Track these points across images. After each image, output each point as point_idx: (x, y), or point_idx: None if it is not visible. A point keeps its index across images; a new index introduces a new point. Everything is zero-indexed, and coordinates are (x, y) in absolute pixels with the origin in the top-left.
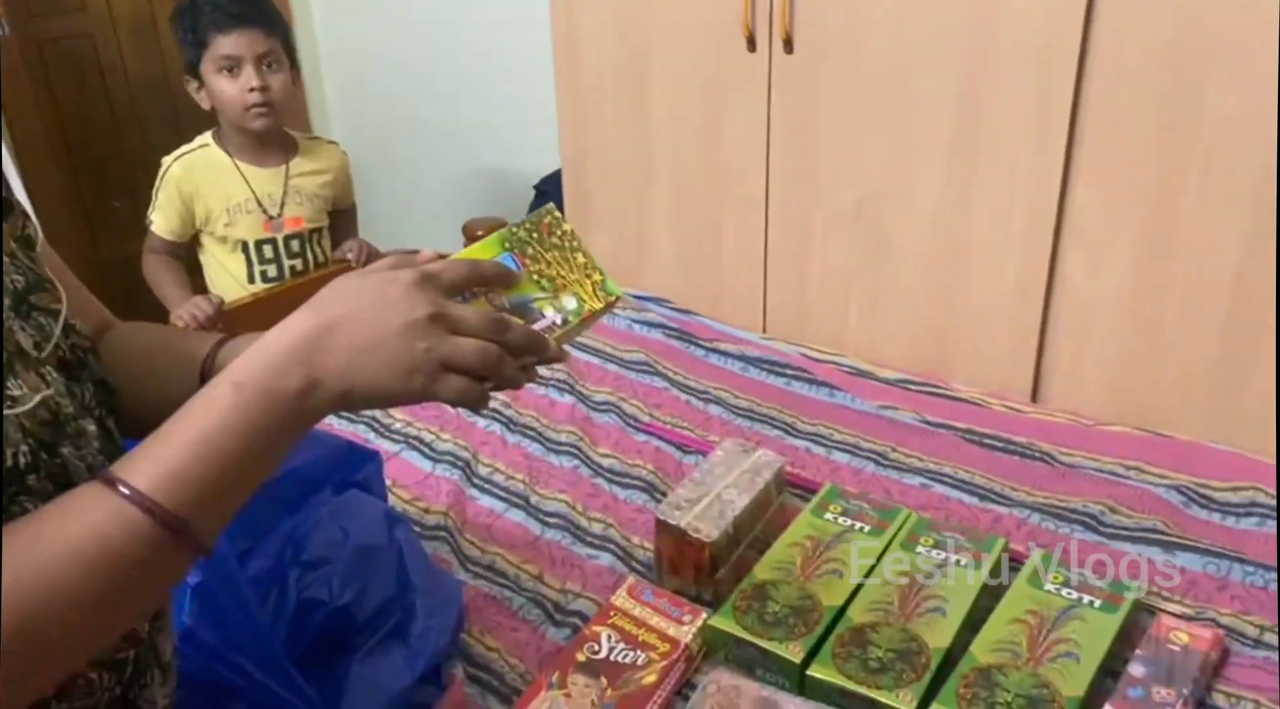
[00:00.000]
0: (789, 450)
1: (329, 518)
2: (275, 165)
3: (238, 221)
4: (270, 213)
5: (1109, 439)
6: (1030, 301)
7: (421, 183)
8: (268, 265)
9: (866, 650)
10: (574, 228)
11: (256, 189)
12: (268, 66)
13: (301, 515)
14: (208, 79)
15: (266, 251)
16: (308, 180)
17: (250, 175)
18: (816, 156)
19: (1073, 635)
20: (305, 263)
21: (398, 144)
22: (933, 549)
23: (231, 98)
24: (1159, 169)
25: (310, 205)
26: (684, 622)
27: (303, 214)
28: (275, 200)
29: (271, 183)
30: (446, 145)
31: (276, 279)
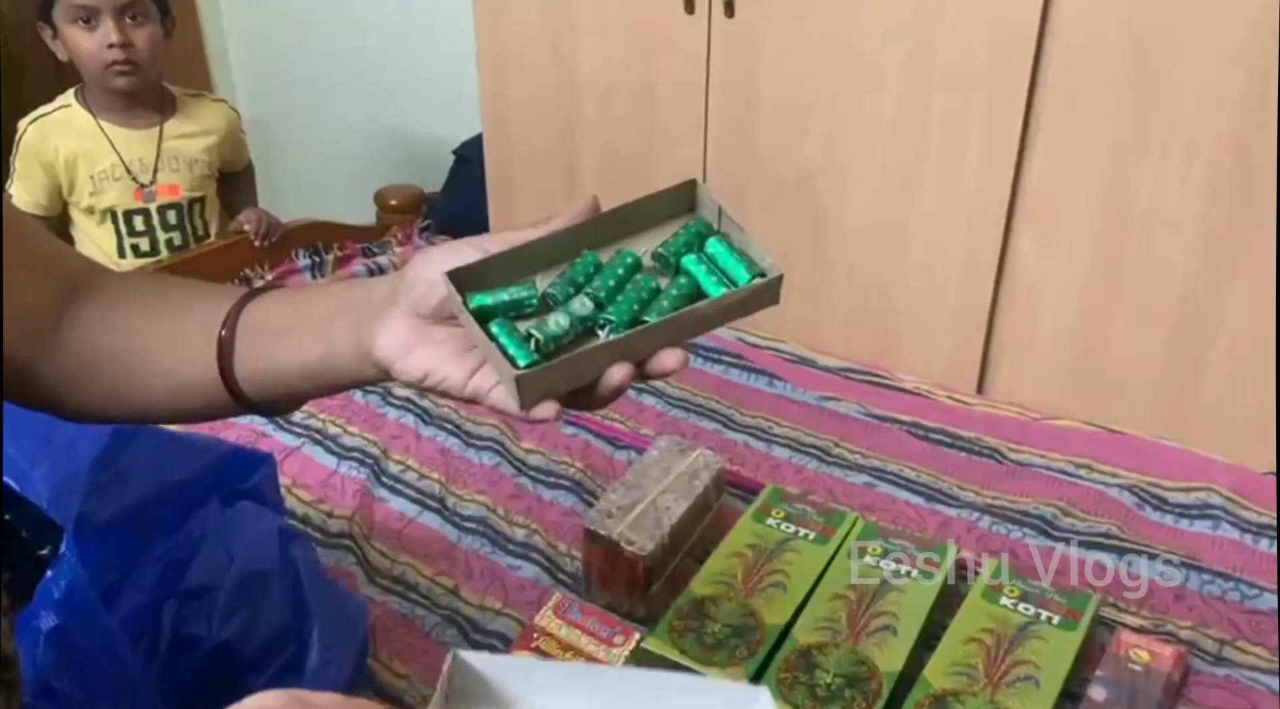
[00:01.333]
0: (727, 445)
1: (212, 538)
2: (147, 127)
3: (104, 190)
4: (141, 180)
5: (1058, 435)
6: (979, 286)
7: (332, 147)
8: (139, 238)
9: (814, 676)
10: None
11: (124, 153)
12: (131, 19)
13: (181, 536)
14: (62, 29)
15: (138, 223)
16: (186, 143)
17: (117, 138)
18: (756, 126)
19: (1031, 657)
20: (184, 236)
21: (306, 105)
22: (881, 559)
23: (88, 53)
24: (1117, 149)
25: (189, 171)
26: (615, 643)
27: (179, 181)
28: (147, 166)
29: (142, 146)
30: (359, 107)
31: (149, 254)
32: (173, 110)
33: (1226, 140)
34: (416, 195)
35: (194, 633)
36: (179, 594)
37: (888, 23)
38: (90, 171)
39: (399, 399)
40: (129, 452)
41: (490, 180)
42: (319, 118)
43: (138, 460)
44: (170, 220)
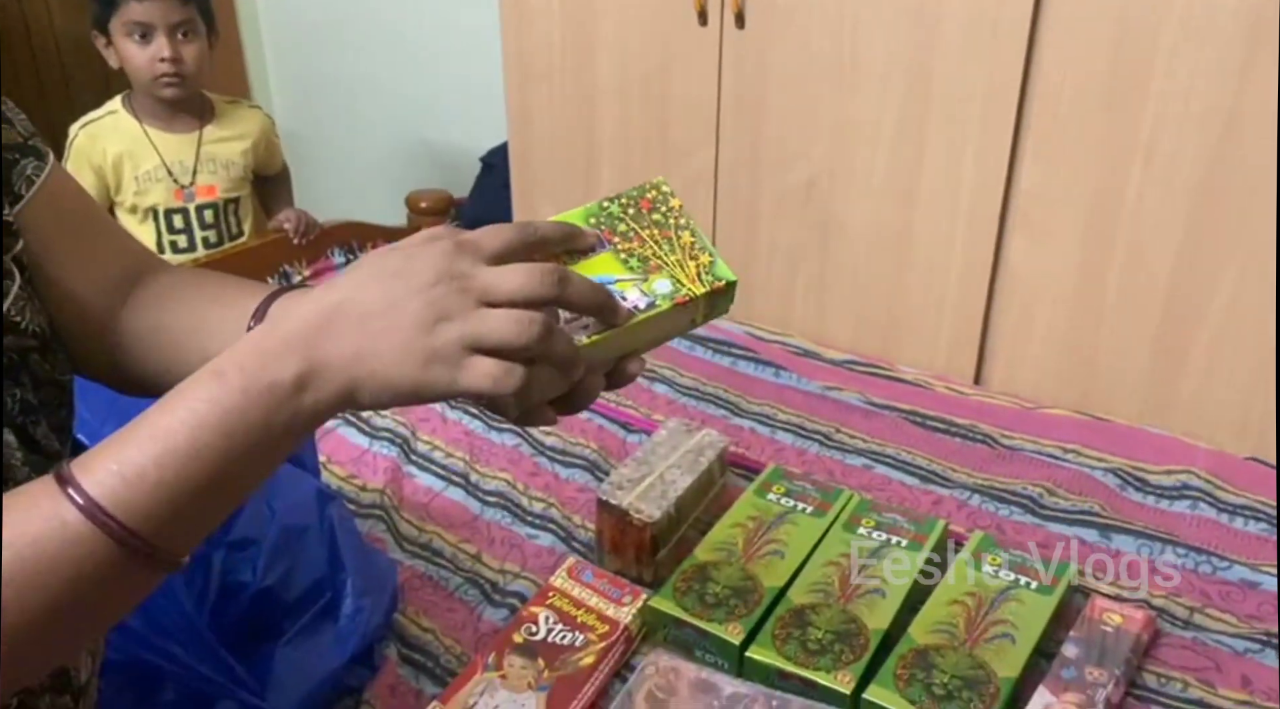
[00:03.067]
0: (733, 430)
1: (256, 496)
2: (188, 131)
3: (148, 190)
4: (181, 181)
5: (1049, 422)
6: (975, 285)
7: (364, 153)
8: (178, 236)
9: (806, 632)
10: (683, 204)
11: (166, 156)
12: (182, 35)
13: None
14: (116, 41)
15: (177, 221)
16: (223, 147)
17: (159, 142)
18: (766, 134)
19: (1009, 617)
20: (220, 235)
21: (340, 113)
22: (874, 531)
23: (141, 64)
24: (1103, 157)
25: (226, 173)
26: (624, 603)
27: (216, 182)
28: (187, 168)
29: (183, 150)
30: (390, 116)
31: (187, 250)
32: (212, 116)
33: (1207, 147)
34: (445, 199)
35: (240, 579)
36: (227, 545)
37: (887, 39)
38: (135, 172)
39: None
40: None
41: (515, 186)
42: (353, 126)
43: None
44: (207, 219)
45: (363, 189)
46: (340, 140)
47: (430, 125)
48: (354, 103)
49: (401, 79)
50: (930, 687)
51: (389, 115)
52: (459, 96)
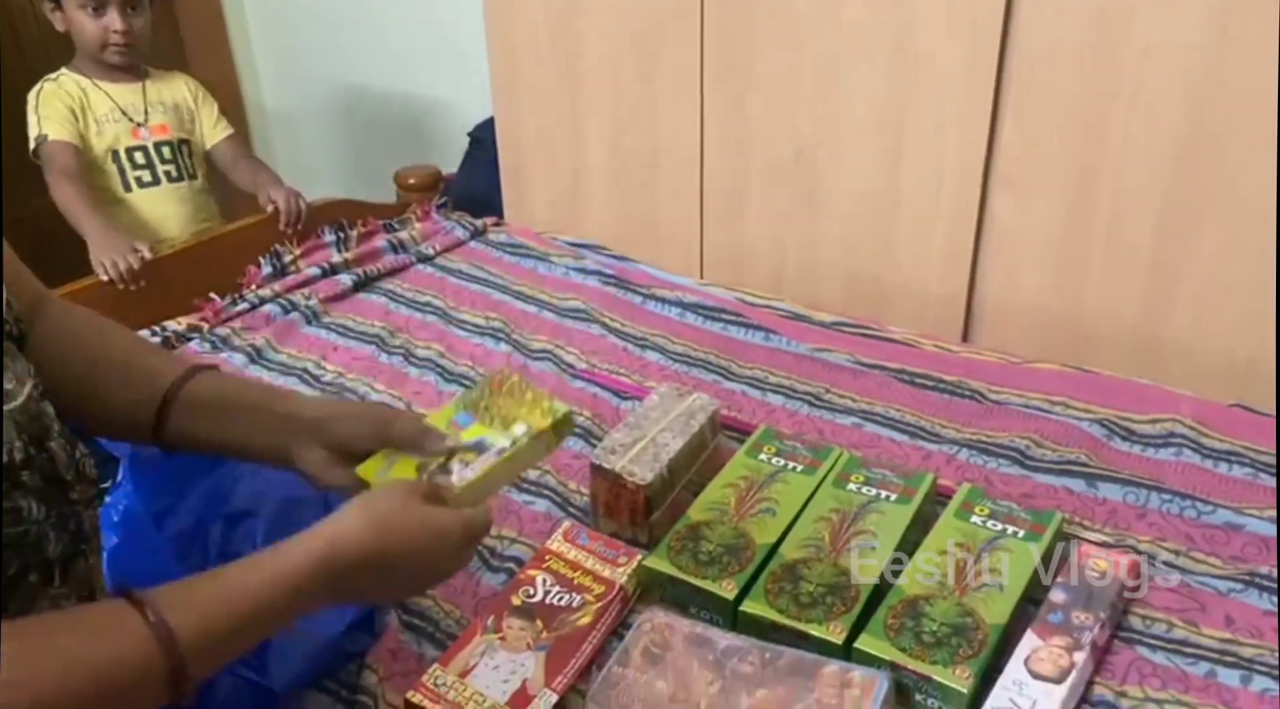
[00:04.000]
0: (725, 394)
1: (252, 471)
2: (131, 82)
3: (105, 131)
4: (135, 119)
5: (1036, 376)
6: (961, 243)
7: (352, 132)
8: (141, 171)
9: (798, 586)
10: (521, 377)
11: (119, 100)
12: (132, 9)
13: (224, 469)
14: (68, 10)
15: (138, 157)
16: (167, 92)
17: (111, 90)
18: (752, 104)
19: (997, 566)
20: (179, 169)
21: (326, 91)
22: (863, 486)
23: (92, 34)
24: (1085, 112)
25: (175, 114)
26: (619, 564)
27: (168, 122)
28: (138, 109)
29: (132, 95)
30: (376, 94)
31: (152, 183)
32: (148, 74)
33: (1188, 100)
34: (434, 174)
35: (239, 551)
36: (224, 517)
37: (870, 3)
38: (94, 116)
39: (420, 360)
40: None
41: (502, 160)
42: (340, 104)
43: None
44: (166, 155)
45: (351, 167)
46: (327, 118)
47: (417, 101)
48: (340, 80)
49: (387, 55)
50: (920, 635)
51: (376, 93)
52: (445, 72)
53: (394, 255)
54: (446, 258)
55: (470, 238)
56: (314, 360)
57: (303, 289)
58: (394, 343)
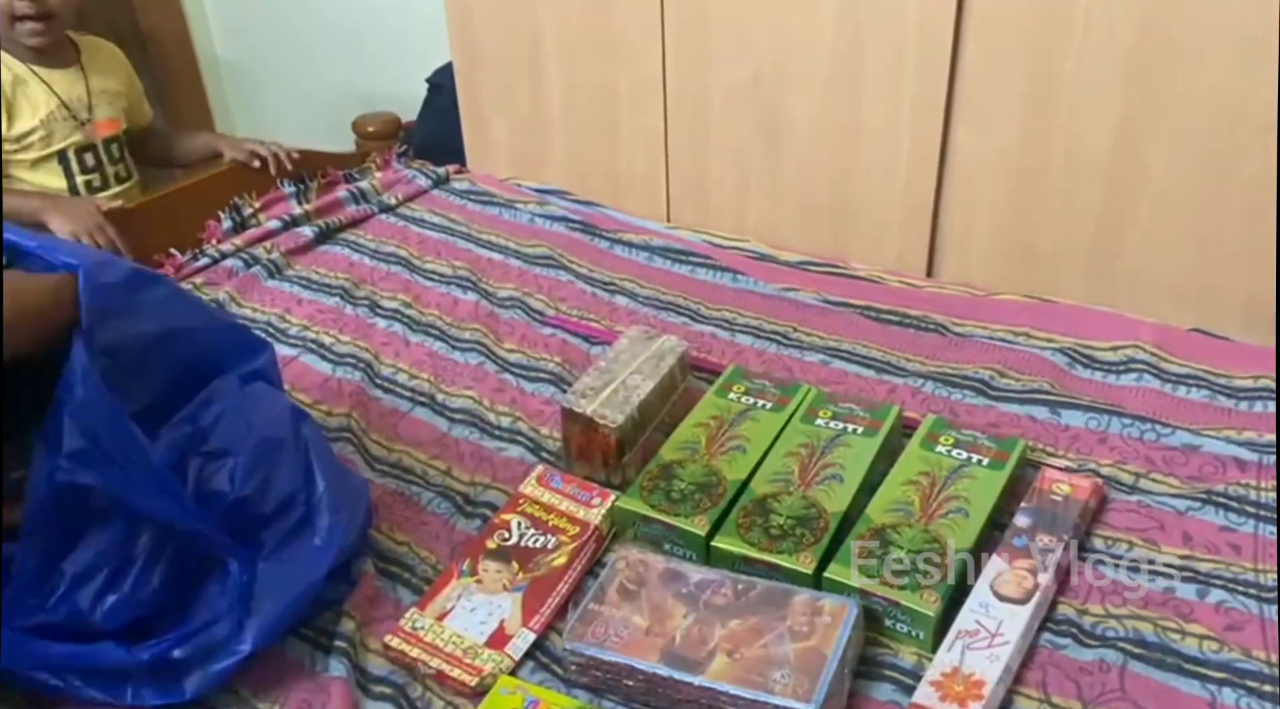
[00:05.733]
0: (694, 336)
1: (233, 411)
2: (69, 67)
3: (54, 132)
4: (80, 117)
5: (999, 308)
6: (923, 177)
7: (309, 81)
8: (91, 175)
9: (768, 519)
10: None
11: (62, 94)
12: None
13: (202, 404)
14: None
15: (89, 159)
16: (108, 80)
17: (51, 80)
18: (710, 35)
19: (962, 493)
20: (126, 168)
21: (280, 40)
22: (831, 420)
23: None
24: (1040, 40)
25: (120, 105)
26: (592, 505)
27: (116, 116)
28: (83, 103)
29: (75, 85)
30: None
31: (101, 187)
32: (79, 52)
33: (1142, 21)
34: (393, 122)
35: (218, 489)
36: (203, 454)
37: None
38: (38, 116)
39: (386, 311)
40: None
41: (462, 103)
42: (295, 53)
43: (153, 301)
44: (115, 153)
45: (308, 117)
46: (281, 68)
47: (373, 47)
48: (293, 29)
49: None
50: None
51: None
52: (400, 17)
53: (355, 206)
54: (409, 207)
55: (433, 186)
56: (278, 314)
57: (264, 242)
58: (359, 294)
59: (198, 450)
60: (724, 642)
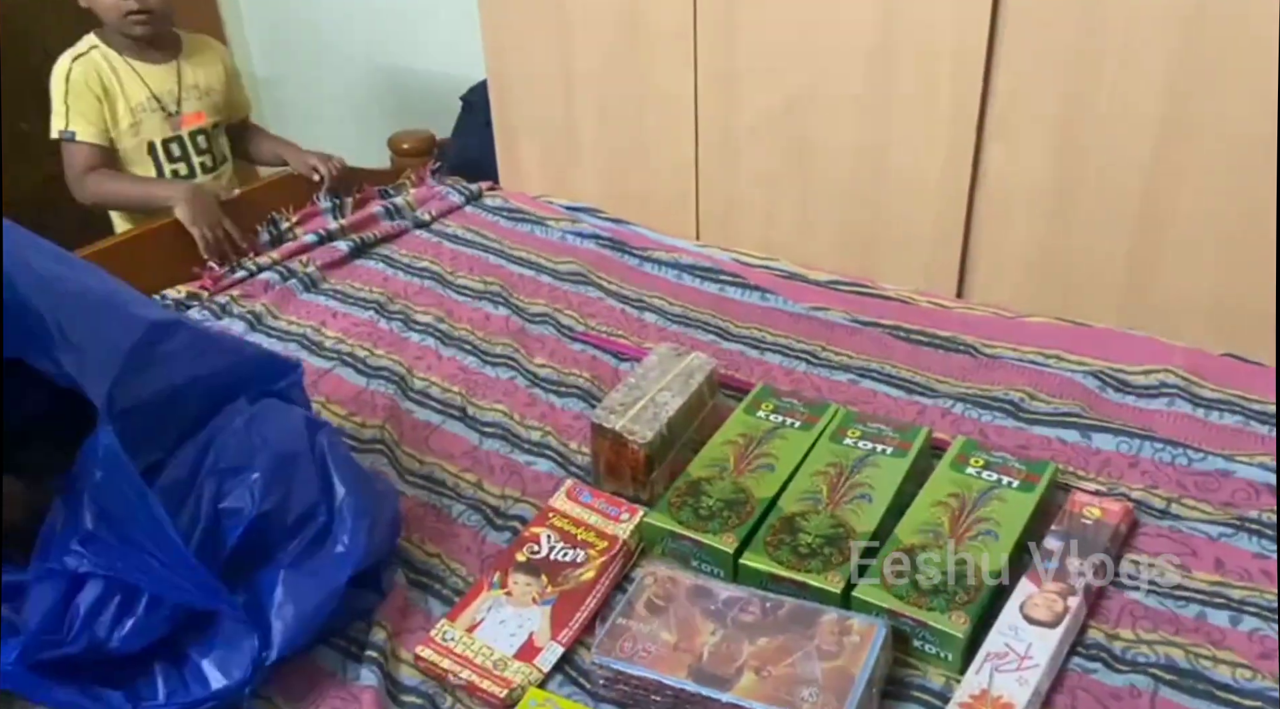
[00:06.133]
0: (723, 354)
1: (244, 428)
2: (165, 62)
3: (142, 122)
4: (169, 110)
5: (1029, 330)
6: (954, 198)
7: (343, 97)
8: (177, 163)
9: (796, 538)
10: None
11: (153, 87)
12: None
13: (215, 426)
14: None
15: (174, 150)
16: (201, 74)
17: (144, 73)
18: (742, 56)
19: (992, 515)
20: (213, 159)
21: (316, 57)
22: (860, 440)
23: (109, 6)
24: (1076, 62)
25: (209, 99)
26: (621, 520)
27: (203, 109)
28: (173, 97)
29: (167, 79)
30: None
31: (188, 176)
32: (180, 47)
33: (1176, 48)
34: (428, 139)
35: (235, 507)
36: (218, 472)
37: None
38: (129, 106)
39: (420, 325)
40: (165, 343)
41: (496, 122)
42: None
43: (173, 352)
44: (201, 145)
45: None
46: (318, 84)
47: (408, 66)
48: (330, 46)
49: (377, 20)
50: (917, 583)
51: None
52: (436, 35)
53: (390, 222)
54: (443, 223)
55: (466, 203)
56: (313, 327)
57: (300, 256)
58: (393, 308)
59: (212, 469)
60: (752, 659)
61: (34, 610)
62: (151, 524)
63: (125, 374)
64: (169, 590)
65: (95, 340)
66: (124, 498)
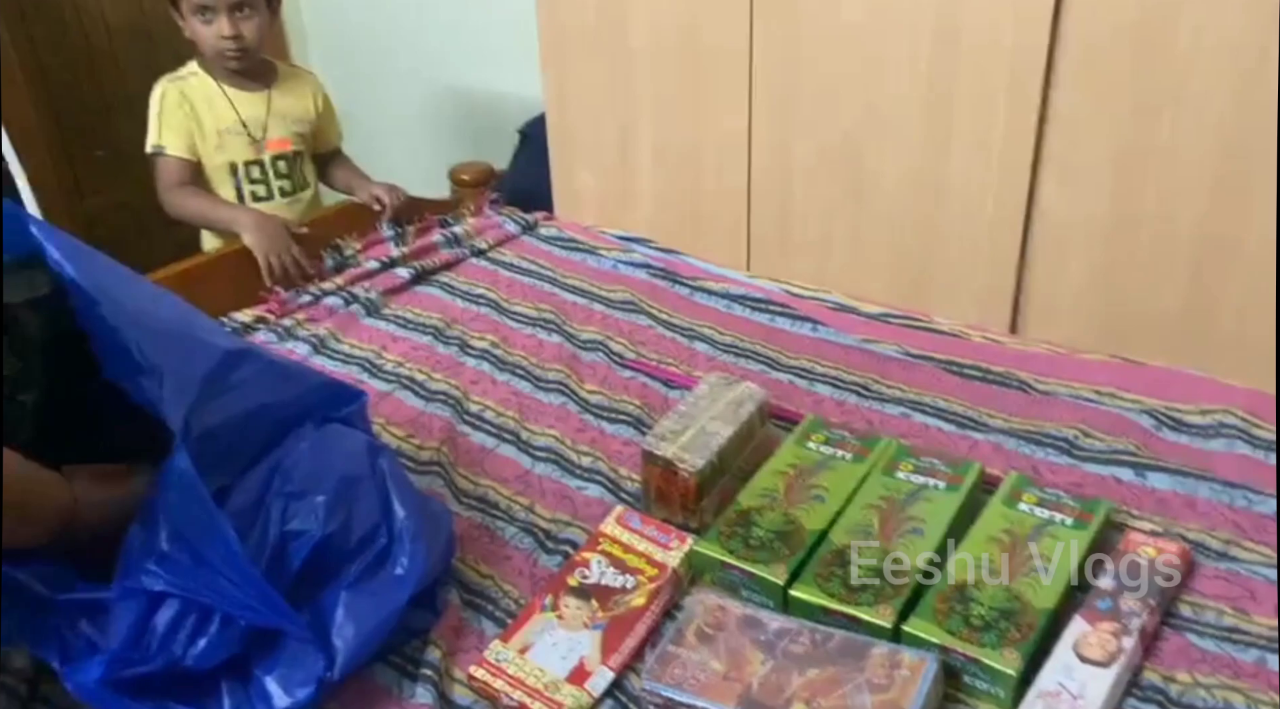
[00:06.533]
0: (773, 384)
1: (310, 452)
2: (257, 91)
3: (226, 145)
4: (255, 135)
5: (1084, 366)
6: (1009, 233)
7: (405, 128)
8: (256, 185)
9: (847, 571)
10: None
11: (242, 113)
12: (241, 12)
13: (282, 450)
14: (186, 18)
15: (254, 172)
16: (289, 104)
17: (236, 99)
18: (798, 92)
19: (1045, 552)
20: (293, 183)
21: (379, 87)
22: (912, 474)
23: (205, 40)
24: (1134, 98)
25: (294, 127)
26: (671, 547)
27: (287, 136)
28: (260, 123)
29: (256, 106)
30: (429, 89)
31: (266, 198)
32: (275, 78)
33: (1235, 88)
34: (486, 170)
35: (301, 528)
36: (284, 495)
37: None
38: (216, 127)
39: (476, 350)
40: (237, 371)
41: (553, 154)
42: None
43: (245, 379)
44: (281, 169)
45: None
46: (379, 114)
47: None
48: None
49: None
50: (968, 619)
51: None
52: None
53: (449, 250)
54: (499, 252)
55: (521, 232)
56: (374, 351)
57: (363, 282)
58: (450, 334)
59: (280, 492)
60: (801, 690)
61: (115, 629)
62: (222, 545)
63: (200, 400)
64: (239, 609)
65: (173, 366)
66: (196, 519)
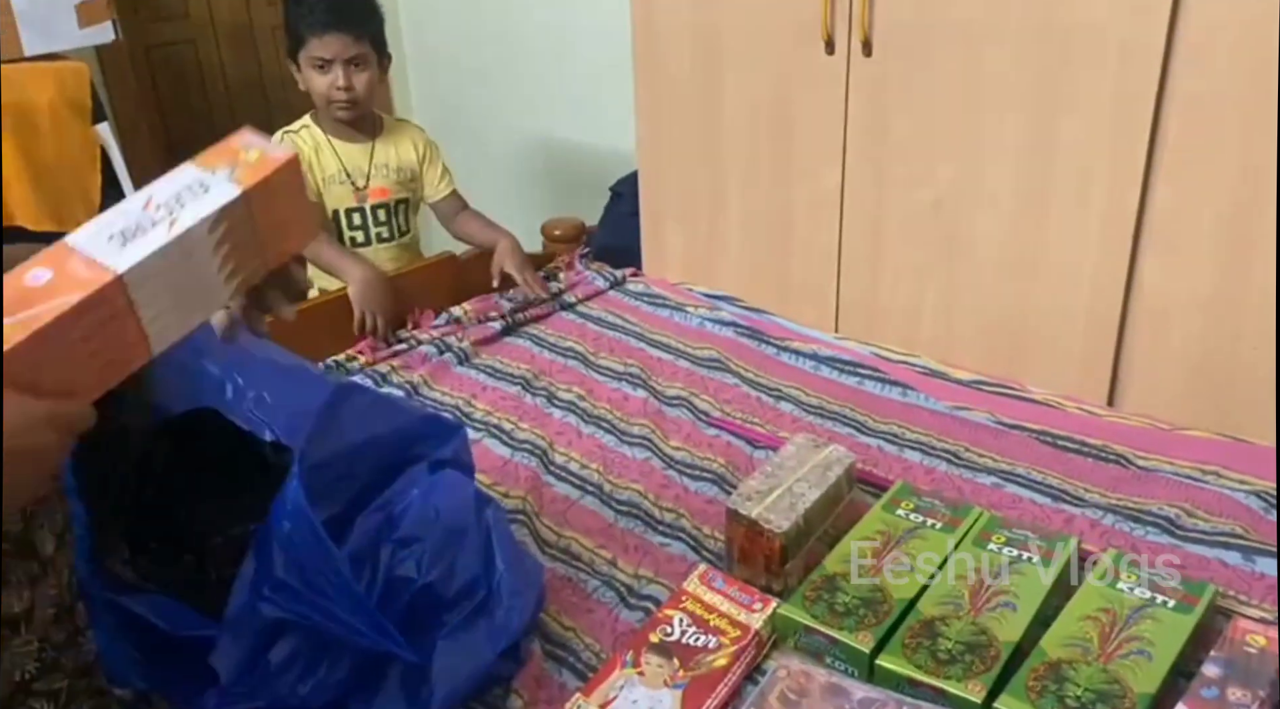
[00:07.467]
0: (860, 448)
1: (421, 498)
2: (362, 142)
3: (329, 191)
4: (357, 184)
5: (1186, 443)
6: (1107, 303)
7: (500, 183)
8: (356, 231)
9: (936, 642)
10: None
11: (346, 163)
12: (355, 66)
13: (396, 493)
14: (303, 70)
15: (355, 219)
16: (392, 155)
17: (340, 150)
18: (891, 156)
19: (1145, 634)
20: (391, 230)
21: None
22: (1004, 546)
23: (320, 91)
24: (1241, 171)
25: (395, 177)
26: (754, 609)
27: (387, 185)
28: (362, 172)
29: (359, 157)
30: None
31: (364, 244)
32: (381, 130)
33: None
34: (578, 226)
35: (405, 575)
36: (395, 541)
37: (1015, 55)
38: (320, 176)
39: (562, 402)
40: (347, 404)
41: (644, 212)
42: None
43: (353, 412)
44: (380, 217)
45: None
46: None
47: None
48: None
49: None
50: (1063, 699)
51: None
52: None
53: (540, 303)
54: (587, 306)
55: (610, 287)
56: (465, 399)
57: (456, 332)
58: (538, 385)
59: (389, 538)
60: None
61: (228, 661)
62: (332, 572)
63: (315, 432)
64: (350, 634)
65: (286, 403)
66: (308, 548)
